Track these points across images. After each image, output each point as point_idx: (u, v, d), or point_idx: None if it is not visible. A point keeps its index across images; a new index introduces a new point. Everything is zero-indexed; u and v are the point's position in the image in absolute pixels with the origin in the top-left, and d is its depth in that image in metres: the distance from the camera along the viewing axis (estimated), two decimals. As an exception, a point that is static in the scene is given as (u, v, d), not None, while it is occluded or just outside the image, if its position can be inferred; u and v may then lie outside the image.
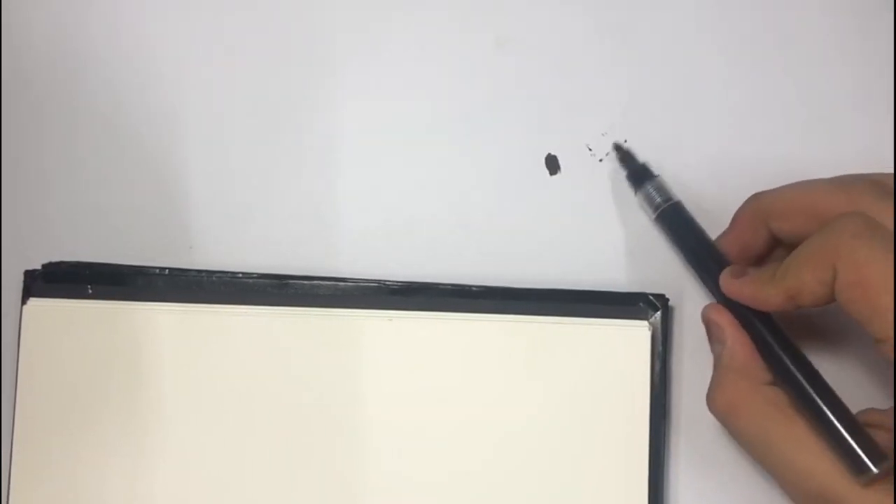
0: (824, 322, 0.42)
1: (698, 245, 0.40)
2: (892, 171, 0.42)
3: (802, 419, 0.36)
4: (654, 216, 0.41)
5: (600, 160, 0.43)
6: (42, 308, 0.42)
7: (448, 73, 0.44)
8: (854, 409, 0.36)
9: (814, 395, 0.36)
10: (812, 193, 0.37)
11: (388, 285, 0.42)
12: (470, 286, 0.42)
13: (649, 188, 0.41)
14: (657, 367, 0.41)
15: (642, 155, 0.43)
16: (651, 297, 0.41)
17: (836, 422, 0.35)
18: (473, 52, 0.44)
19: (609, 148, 0.43)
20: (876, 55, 0.43)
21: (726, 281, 0.38)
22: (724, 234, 0.40)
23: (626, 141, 0.43)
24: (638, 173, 0.42)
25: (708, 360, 0.42)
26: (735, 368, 0.38)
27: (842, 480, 0.34)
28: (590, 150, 0.44)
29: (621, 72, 0.43)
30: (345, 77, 0.44)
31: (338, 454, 0.41)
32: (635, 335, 0.41)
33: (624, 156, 0.43)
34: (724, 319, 0.38)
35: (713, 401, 0.38)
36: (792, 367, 0.36)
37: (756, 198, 0.39)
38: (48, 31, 0.45)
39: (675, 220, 0.41)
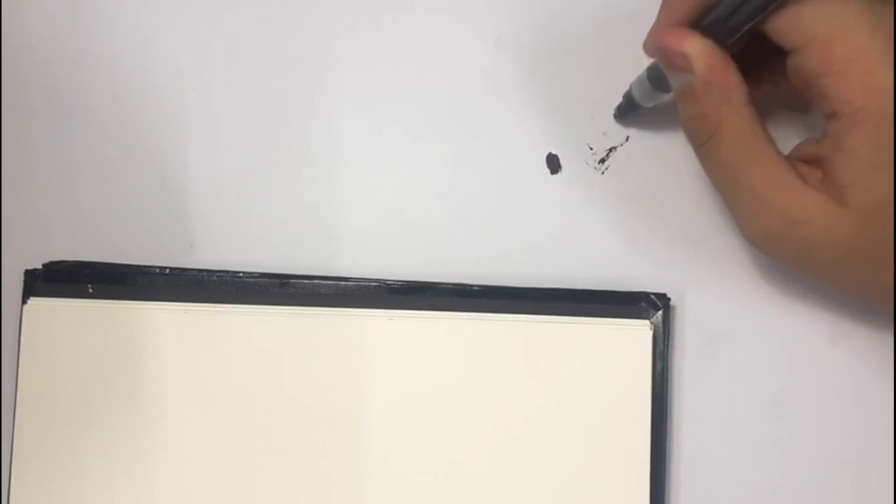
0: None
1: None
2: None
3: (771, 145, 0.36)
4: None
5: (601, 159, 0.43)
6: (42, 307, 0.42)
7: (448, 73, 0.44)
8: None
9: None
10: None
11: (389, 285, 0.42)
12: (471, 285, 0.42)
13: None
14: (658, 367, 0.41)
15: (643, 155, 0.43)
16: (652, 297, 0.41)
17: None
18: (474, 52, 0.44)
19: (609, 149, 0.43)
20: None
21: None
22: (658, 17, 0.39)
23: (627, 139, 0.43)
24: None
25: (711, 359, 0.42)
26: (714, 94, 0.36)
27: (798, 207, 0.35)
28: (591, 149, 0.44)
29: (622, 71, 0.43)
30: (344, 77, 0.44)
31: (338, 453, 0.41)
32: (637, 335, 0.41)
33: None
34: (689, 42, 0.36)
35: (692, 129, 0.37)
36: None
37: None
38: (48, 31, 0.45)
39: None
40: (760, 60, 0.37)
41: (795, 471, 0.42)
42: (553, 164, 0.44)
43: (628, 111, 0.43)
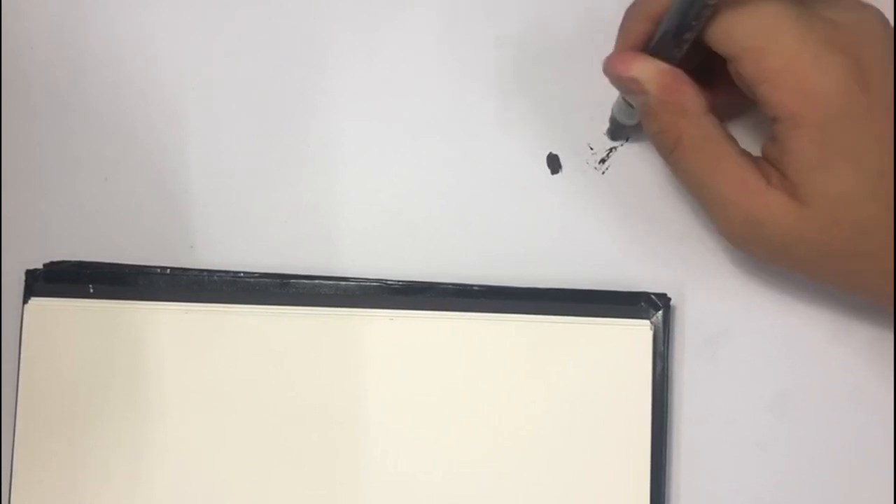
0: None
1: None
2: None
3: (732, 149, 0.37)
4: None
5: (602, 159, 0.43)
6: (43, 307, 0.42)
7: (449, 73, 0.44)
8: None
9: None
10: None
11: (390, 285, 0.42)
12: (471, 285, 0.42)
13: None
14: (659, 367, 0.41)
15: (643, 155, 0.43)
16: (653, 297, 0.41)
17: None
18: (474, 52, 0.44)
19: (609, 149, 0.43)
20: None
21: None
22: (615, 45, 0.40)
23: (627, 139, 0.43)
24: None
25: (711, 359, 0.42)
26: (670, 111, 0.37)
27: (762, 208, 0.36)
28: (591, 149, 0.44)
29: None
30: (344, 77, 0.44)
31: (339, 453, 0.41)
32: (637, 334, 0.41)
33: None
34: (637, 66, 0.37)
35: (657, 143, 0.39)
36: None
37: (633, 3, 0.39)
38: (48, 31, 0.45)
39: None
40: (717, 67, 0.38)
41: (796, 470, 0.42)
42: (553, 164, 0.44)
43: (617, 133, 0.43)
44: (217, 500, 0.41)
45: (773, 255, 0.38)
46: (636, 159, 0.43)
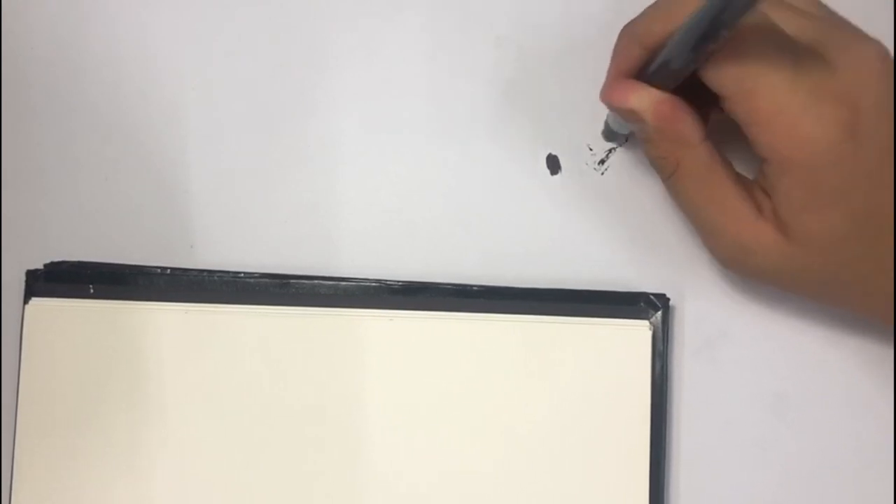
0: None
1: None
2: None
3: (728, 179, 0.38)
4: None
5: (601, 160, 0.43)
6: (44, 308, 0.42)
7: (449, 73, 0.44)
8: None
9: None
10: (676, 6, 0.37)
11: (389, 285, 0.42)
12: (471, 286, 0.42)
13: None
14: (658, 367, 0.41)
15: (642, 156, 0.43)
16: (652, 297, 0.41)
17: None
18: (474, 52, 0.44)
19: (608, 149, 0.43)
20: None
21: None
22: (609, 70, 0.40)
23: (626, 139, 0.43)
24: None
25: (710, 360, 0.42)
26: (669, 139, 0.38)
27: (751, 238, 0.37)
28: (590, 150, 0.44)
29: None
30: (344, 77, 0.44)
31: (339, 453, 0.41)
32: (636, 335, 0.41)
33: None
34: (634, 97, 0.38)
35: (655, 167, 0.40)
36: None
37: (627, 26, 0.39)
38: (48, 31, 0.45)
39: None
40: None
41: (795, 471, 0.42)
42: (553, 164, 0.44)
43: (612, 137, 0.43)
44: (217, 499, 0.41)
45: (762, 278, 0.39)
46: (635, 160, 0.43)
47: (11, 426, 0.42)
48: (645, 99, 0.37)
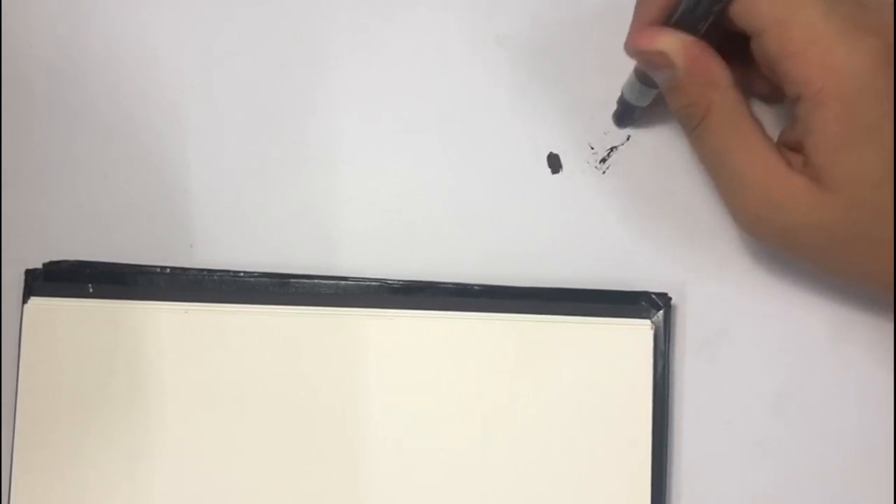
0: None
1: None
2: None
3: (758, 128, 0.37)
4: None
5: (602, 159, 0.43)
6: (43, 307, 0.42)
7: (449, 72, 0.44)
8: None
9: None
10: None
11: (390, 284, 0.42)
12: (471, 285, 0.42)
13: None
14: (659, 366, 0.41)
15: (644, 155, 0.43)
16: (653, 296, 0.41)
17: None
18: (474, 51, 0.44)
19: (610, 148, 0.43)
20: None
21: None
22: (633, 20, 0.39)
23: (628, 138, 0.43)
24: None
25: (712, 359, 0.42)
26: (699, 83, 0.37)
27: (782, 190, 0.36)
28: (592, 148, 0.44)
29: (622, 71, 0.43)
30: (344, 77, 0.44)
31: (339, 453, 0.41)
32: (638, 334, 0.41)
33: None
34: (663, 39, 0.37)
35: (683, 118, 0.38)
36: None
37: None
38: (48, 31, 0.45)
39: None
40: (733, 51, 0.38)
41: (796, 470, 0.42)
42: (554, 163, 0.44)
43: (625, 115, 0.43)
44: (217, 499, 0.41)
45: (784, 240, 0.38)
46: (637, 159, 0.43)
47: (11, 426, 0.42)
48: (674, 40, 0.37)
